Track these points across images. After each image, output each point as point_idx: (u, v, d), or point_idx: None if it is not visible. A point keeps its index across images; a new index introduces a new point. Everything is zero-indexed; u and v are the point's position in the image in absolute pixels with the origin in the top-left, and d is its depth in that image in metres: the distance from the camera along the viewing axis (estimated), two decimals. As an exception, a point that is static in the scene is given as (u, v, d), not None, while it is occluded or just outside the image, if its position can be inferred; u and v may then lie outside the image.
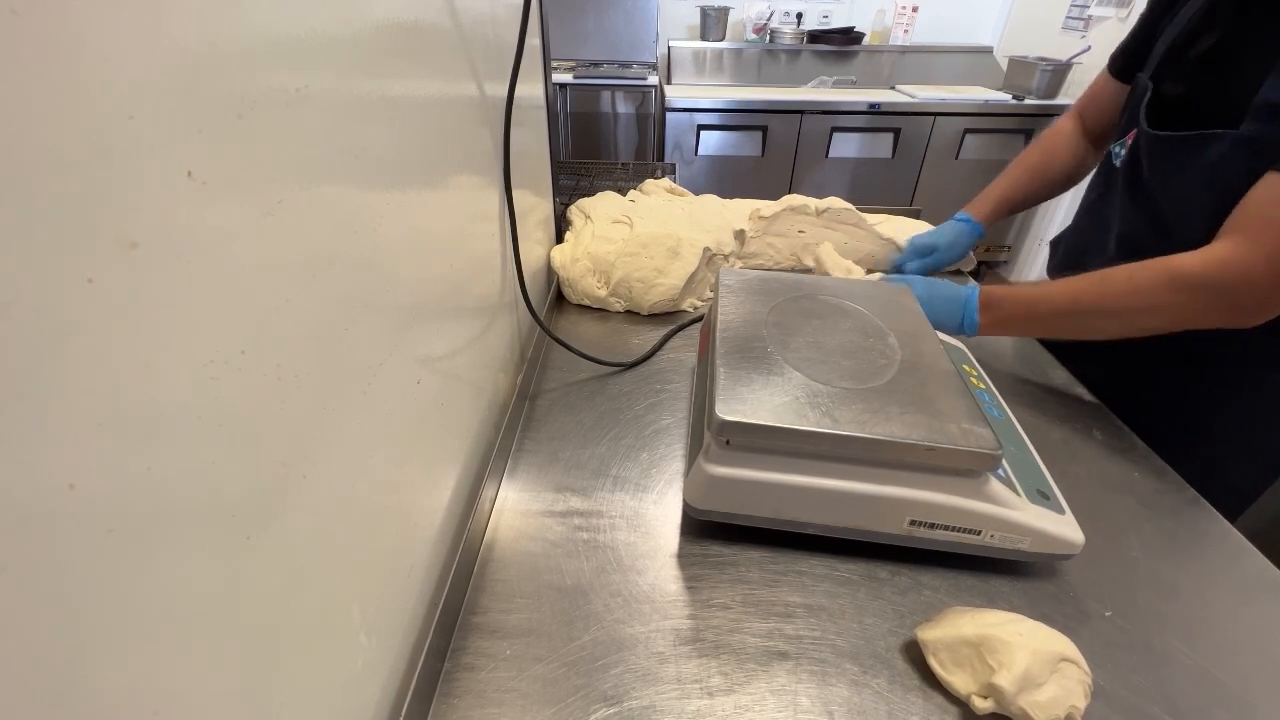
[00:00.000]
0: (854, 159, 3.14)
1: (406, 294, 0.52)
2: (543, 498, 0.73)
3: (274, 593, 0.34)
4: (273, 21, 0.32)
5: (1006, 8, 3.54)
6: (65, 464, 0.21)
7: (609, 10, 3.25)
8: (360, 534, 0.45)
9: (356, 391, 0.43)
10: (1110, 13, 2.83)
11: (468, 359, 0.70)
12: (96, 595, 0.23)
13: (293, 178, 0.34)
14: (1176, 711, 0.54)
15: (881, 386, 0.65)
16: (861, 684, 0.55)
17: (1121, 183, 0.93)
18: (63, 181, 0.21)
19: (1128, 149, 0.92)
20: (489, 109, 0.72)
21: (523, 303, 0.85)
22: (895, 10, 3.52)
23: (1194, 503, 0.76)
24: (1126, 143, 0.92)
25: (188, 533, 0.27)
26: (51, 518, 0.21)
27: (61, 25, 0.20)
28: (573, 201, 1.31)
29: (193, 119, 0.26)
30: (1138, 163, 0.90)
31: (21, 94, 0.19)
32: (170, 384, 0.26)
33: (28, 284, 0.20)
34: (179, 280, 0.26)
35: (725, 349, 0.69)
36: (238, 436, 0.30)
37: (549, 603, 0.61)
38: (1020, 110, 3.01)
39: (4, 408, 0.19)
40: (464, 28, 0.63)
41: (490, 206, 0.76)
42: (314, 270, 0.37)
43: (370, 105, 0.44)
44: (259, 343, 0.31)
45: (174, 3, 0.25)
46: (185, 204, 0.26)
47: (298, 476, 0.35)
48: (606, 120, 3.27)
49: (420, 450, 0.57)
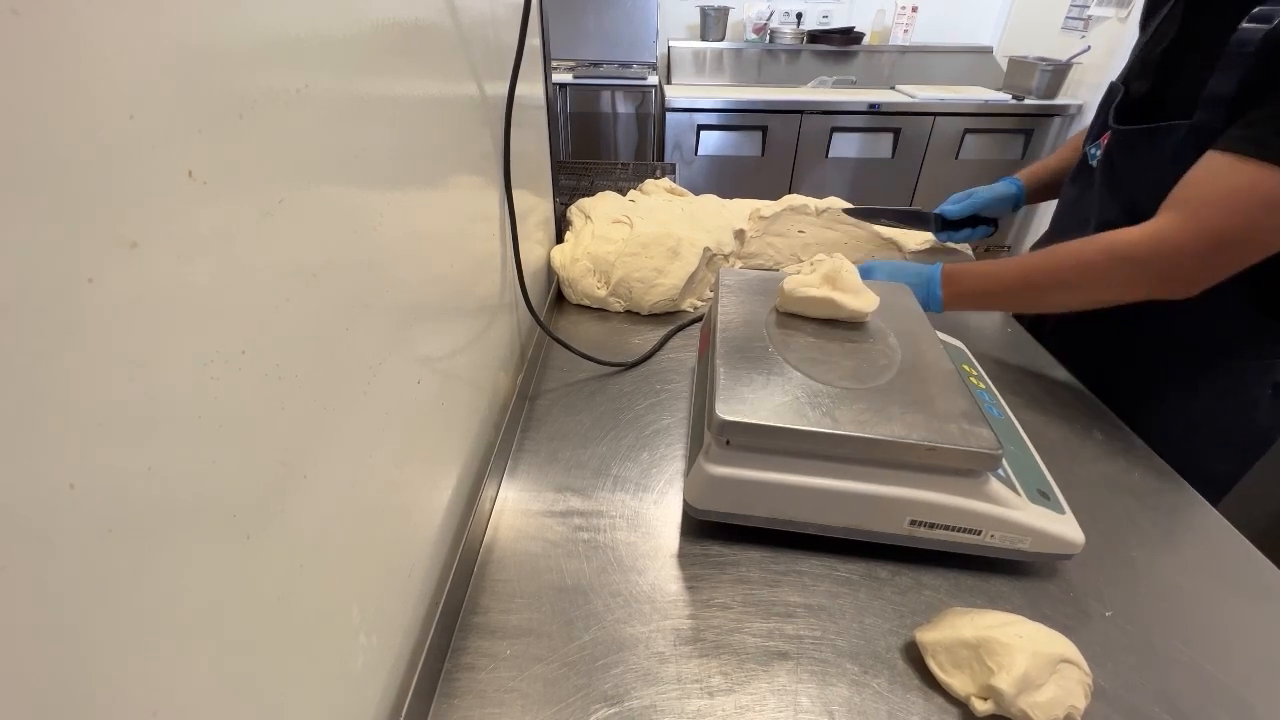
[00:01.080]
0: (854, 159, 3.14)
1: (406, 294, 0.52)
2: (543, 498, 0.73)
3: (274, 592, 0.34)
4: (273, 21, 0.32)
5: (1006, 8, 3.54)
6: (65, 464, 0.21)
7: (609, 10, 3.25)
8: (360, 534, 0.45)
9: (357, 391, 0.43)
10: (1110, 13, 2.83)
11: (468, 359, 0.70)
12: (96, 595, 0.23)
13: (293, 177, 0.34)
14: (1177, 712, 0.54)
15: (882, 386, 0.65)
16: (862, 684, 0.55)
17: (1099, 180, 0.97)
18: (63, 181, 0.21)
19: (1103, 149, 0.96)
20: (489, 109, 0.72)
21: (523, 303, 0.85)
22: (895, 10, 3.52)
23: (1194, 502, 0.76)
24: (1101, 144, 0.96)
25: (188, 532, 0.27)
26: (51, 518, 0.21)
27: (61, 25, 0.20)
28: (573, 201, 1.31)
29: (193, 118, 0.26)
30: (1112, 159, 0.94)
31: (21, 94, 0.19)
32: (171, 384, 0.26)
33: (28, 284, 0.20)
34: (179, 280, 0.26)
35: (725, 349, 0.69)
36: (238, 436, 0.30)
37: (549, 603, 0.61)
38: (1020, 110, 3.02)
39: (4, 408, 0.19)
40: (464, 28, 0.63)
41: (490, 206, 0.76)
42: (314, 270, 0.37)
43: (370, 105, 0.44)
44: (259, 343, 0.31)
45: (174, 2, 0.25)
46: (186, 204, 0.26)
47: (298, 476, 0.35)
48: (606, 120, 3.27)
49: (420, 450, 0.57)
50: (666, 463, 0.78)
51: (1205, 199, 0.76)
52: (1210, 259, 0.77)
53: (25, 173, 0.19)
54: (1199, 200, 0.77)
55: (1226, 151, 0.75)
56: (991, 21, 3.63)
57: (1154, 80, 0.90)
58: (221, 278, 0.29)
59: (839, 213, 1.24)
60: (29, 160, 0.20)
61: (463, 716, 0.52)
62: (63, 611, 0.22)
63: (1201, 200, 0.77)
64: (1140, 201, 0.88)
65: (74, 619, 0.22)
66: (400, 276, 0.50)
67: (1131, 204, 0.90)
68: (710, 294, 1.15)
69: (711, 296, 0.99)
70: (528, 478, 0.76)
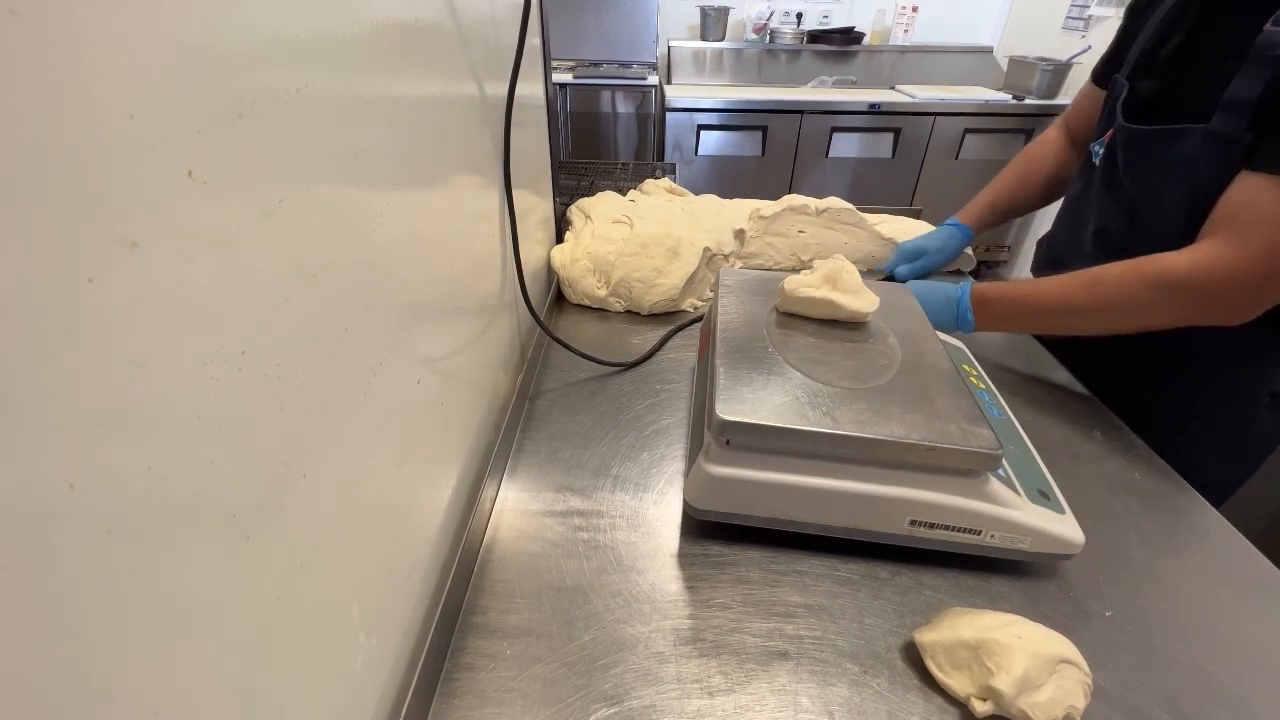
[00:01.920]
0: (854, 159, 3.14)
1: (406, 294, 0.52)
2: (543, 498, 0.73)
3: (274, 592, 0.34)
4: (273, 21, 0.32)
5: (1006, 8, 3.54)
6: (65, 464, 0.21)
7: (609, 10, 3.25)
8: (360, 534, 0.45)
9: (356, 391, 0.43)
10: (1110, 12, 2.83)
11: (468, 359, 0.70)
12: (96, 595, 0.23)
13: (293, 177, 0.34)
14: (1177, 712, 0.54)
15: (882, 386, 0.65)
16: (862, 684, 0.55)
17: (1099, 179, 0.95)
18: (63, 181, 0.21)
19: (1105, 146, 0.94)
20: (489, 109, 0.72)
21: (523, 302, 0.85)
22: (895, 10, 3.52)
23: (1195, 502, 0.76)
24: (1104, 140, 0.94)
25: (188, 532, 0.27)
26: (52, 517, 0.21)
27: (61, 25, 0.20)
28: (573, 201, 1.31)
29: (193, 118, 0.26)
30: (1114, 158, 0.92)
31: (22, 94, 0.19)
32: (171, 384, 0.26)
33: (28, 284, 0.20)
34: (179, 280, 0.26)
35: (725, 349, 0.69)
36: (238, 436, 0.30)
37: (549, 603, 0.61)
38: (1020, 110, 3.01)
39: (4, 407, 0.19)
40: (464, 27, 0.63)
41: (490, 206, 0.76)
42: (315, 270, 0.37)
43: (370, 105, 0.44)
44: (259, 343, 0.31)
45: (174, 2, 0.25)
46: (186, 204, 0.26)
47: (298, 476, 0.35)
48: (606, 120, 3.27)
49: (420, 450, 0.57)
50: (666, 463, 0.78)
51: (1255, 224, 0.73)
52: (1265, 286, 0.75)
53: (26, 173, 0.19)
54: (1248, 226, 0.74)
55: (1268, 172, 0.73)
56: (992, 21, 3.63)
57: (1163, 79, 0.88)
58: (221, 278, 0.29)
59: (839, 212, 1.24)
60: (29, 160, 0.20)
61: (463, 716, 0.52)
62: (63, 611, 0.22)
63: (1251, 225, 0.74)
64: (1139, 203, 0.88)
65: (74, 619, 0.22)
66: (400, 276, 0.51)
67: (1131, 207, 0.89)
68: (710, 294, 1.15)
69: (711, 296, 0.99)
70: (528, 478, 0.76)
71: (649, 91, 3.09)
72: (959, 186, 3.14)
